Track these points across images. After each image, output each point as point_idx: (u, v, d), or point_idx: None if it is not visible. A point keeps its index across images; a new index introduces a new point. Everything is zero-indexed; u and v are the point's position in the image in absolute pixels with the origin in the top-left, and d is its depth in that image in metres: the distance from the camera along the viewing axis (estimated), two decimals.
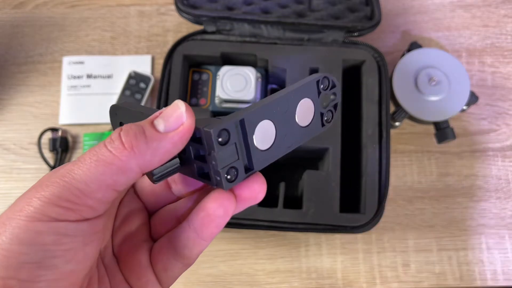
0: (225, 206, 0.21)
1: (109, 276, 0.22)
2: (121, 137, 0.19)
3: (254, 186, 0.22)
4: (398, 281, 0.49)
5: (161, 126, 0.19)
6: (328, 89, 0.24)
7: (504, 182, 0.53)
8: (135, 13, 0.60)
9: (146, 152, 0.19)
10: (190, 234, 0.22)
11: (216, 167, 0.20)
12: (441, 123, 0.52)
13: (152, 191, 0.25)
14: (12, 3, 0.61)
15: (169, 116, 0.20)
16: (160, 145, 0.19)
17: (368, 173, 0.46)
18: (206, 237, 0.22)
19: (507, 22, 0.59)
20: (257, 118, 0.21)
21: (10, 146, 0.55)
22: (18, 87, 0.57)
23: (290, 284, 0.49)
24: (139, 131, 0.19)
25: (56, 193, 0.18)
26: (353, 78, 0.52)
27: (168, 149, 0.19)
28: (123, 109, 0.24)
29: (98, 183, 0.18)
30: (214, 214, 0.21)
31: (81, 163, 0.18)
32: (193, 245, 0.22)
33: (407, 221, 0.51)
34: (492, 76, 0.57)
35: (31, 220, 0.17)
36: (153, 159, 0.19)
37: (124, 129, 0.19)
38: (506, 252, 0.50)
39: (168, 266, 0.23)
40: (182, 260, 0.23)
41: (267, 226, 0.45)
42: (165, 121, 0.20)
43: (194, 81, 0.53)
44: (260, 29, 0.51)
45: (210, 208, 0.21)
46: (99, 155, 0.18)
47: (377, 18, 0.50)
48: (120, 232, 0.24)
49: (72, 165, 0.19)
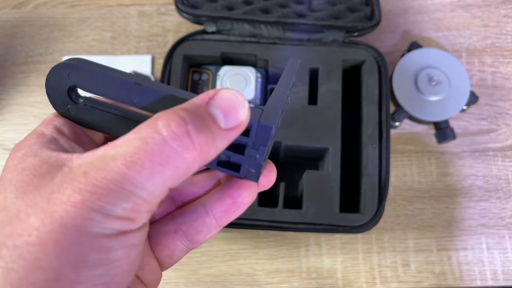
0: (254, 193, 0.21)
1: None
2: (190, 134, 0.16)
3: (269, 173, 0.22)
4: (398, 281, 0.49)
5: (221, 120, 0.17)
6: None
7: (504, 182, 0.53)
8: (135, 13, 0.60)
9: (211, 151, 0.17)
10: (207, 220, 0.21)
11: (260, 161, 0.20)
12: (441, 123, 0.52)
13: None
14: (12, 3, 0.61)
15: (229, 110, 0.17)
16: (222, 144, 0.17)
17: (368, 173, 0.46)
18: (223, 224, 0.22)
19: (507, 22, 0.59)
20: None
21: (10, 146, 0.55)
22: (18, 87, 0.57)
23: (290, 284, 0.49)
24: (206, 128, 0.16)
25: (118, 204, 0.15)
26: (353, 78, 0.52)
27: (225, 146, 0.17)
28: (89, 71, 0.19)
29: (162, 187, 0.16)
30: (243, 202, 0.21)
31: (139, 166, 0.15)
32: (208, 231, 0.22)
33: (407, 221, 0.51)
34: (492, 76, 0.57)
35: (97, 236, 0.15)
36: (213, 157, 0.17)
37: (191, 122, 0.16)
38: (506, 252, 0.50)
39: (174, 252, 0.22)
40: (190, 245, 0.22)
41: (267, 226, 0.45)
42: (225, 115, 0.17)
43: (194, 81, 0.53)
44: (260, 29, 0.51)
45: (240, 196, 0.20)
46: (162, 156, 0.15)
47: (377, 18, 0.50)
48: None
49: (127, 168, 0.15)
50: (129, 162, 0.15)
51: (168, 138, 0.15)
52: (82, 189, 0.15)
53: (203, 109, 0.17)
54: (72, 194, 0.15)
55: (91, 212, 0.14)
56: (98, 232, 0.15)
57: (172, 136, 0.15)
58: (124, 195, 0.15)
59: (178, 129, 0.15)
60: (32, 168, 0.16)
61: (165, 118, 0.16)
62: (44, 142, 0.18)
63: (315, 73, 0.50)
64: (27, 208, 0.15)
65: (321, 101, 0.49)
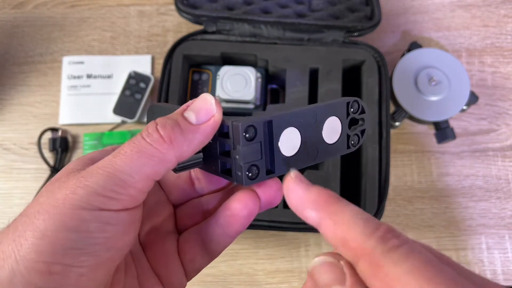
0: (249, 207, 0.22)
1: (135, 263, 0.23)
2: (159, 130, 0.20)
3: (272, 189, 0.22)
4: None
5: (192, 118, 0.21)
6: (357, 113, 0.24)
7: (504, 182, 0.53)
8: (135, 13, 0.60)
9: (183, 144, 0.20)
10: (216, 230, 0.23)
11: (239, 161, 0.20)
12: (441, 123, 0.52)
13: (176, 185, 0.25)
14: (12, 3, 0.61)
15: (199, 109, 0.21)
16: (194, 137, 0.20)
17: (368, 173, 0.46)
18: (231, 235, 0.23)
19: (507, 22, 0.59)
20: (284, 123, 0.21)
21: (10, 146, 0.55)
22: (18, 87, 0.57)
23: (290, 284, 0.49)
24: (175, 124, 0.20)
25: (100, 183, 0.19)
26: (353, 78, 0.52)
27: (201, 140, 0.20)
28: (158, 108, 0.25)
29: (140, 174, 0.19)
30: (239, 214, 0.22)
31: (122, 155, 0.19)
32: (219, 240, 0.23)
33: (407, 221, 0.51)
34: (492, 76, 0.57)
35: (76, 208, 0.18)
36: (189, 149, 0.20)
37: (160, 123, 0.20)
38: (506, 252, 0.50)
39: (196, 258, 0.24)
40: (208, 252, 0.24)
41: (267, 226, 0.45)
42: (196, 114, 0.21)
43: (194, 81, 0.53)
44: (260, 29, 0.51)
45: (235, 209, 0.22)
46: (139, 147, 0.19)
47: (377, 18, 0.50)
48: (148, 221, 0.24)
49: (113, 157, 0.19)
50: (116, 153, 0.20)
51: (144, 136, 0.20)
52: (79, 176, 0.19)
53: (178, 114, 0.21)
54: (72, 181, 0.19)
55: (78, 189, 0.19)
56: (78, 205, 0.18)
57: (146, 134, 0.20)
58: (107, 177, 0.19)
59: (150, 129, 0.20)
60: (67, 172, 0.21)
61: (145, 127, 0.21)
62: (86, 159, 0.22)
63: (315, 73, 0.50)
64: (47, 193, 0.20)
65: (321, 101, 0.49)
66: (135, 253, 0.23)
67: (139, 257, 0.23)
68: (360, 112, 0.25)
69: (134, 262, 0.23)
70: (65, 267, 0.18)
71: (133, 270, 0.23)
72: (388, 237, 0.15)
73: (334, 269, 0.16)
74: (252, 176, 0.21)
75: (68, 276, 0.18)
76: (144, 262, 0.23)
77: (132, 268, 0.23)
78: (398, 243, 0.15)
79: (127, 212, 0.20)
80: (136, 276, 0.23)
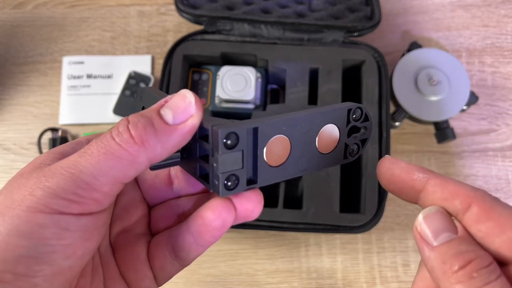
0: (223, 217, 0.20)
1: (103, 267, 0.22)
2: (129, 130, 0.18)
3: (251, 203, 0.20)
4: (398, 281, 0.49)
5: (169, 117, 0.19)
6: (359, 120, 0.22)
7: (504, 182, 0.53)
8: (135, 13, 0.60)
9: (156, 146, 0.18)
10: (187, 237, 0.21)
11: (217, 170, 0.19)
12: (441, 123, 0.52)
13: (153, 184, 0.24)
14: (12, 3, 0.61)
15: (177, 107, 0.19)
16: (169, 139, 0.18)
17: (368, 173, 0.46)
18: (203, 244, 0.21)
19: (507, 22, 0.59)
20: (272, 131, 0.19)
21: (10, 146, 0.55)
22: (18, 87, 0.57)
23: (290, 284, 0.49)
24: (148, 124, 0.18)
25: (61, 185, 0.17)
26: (353, 78, 0.52)
27: (177, 142, 0.19)
28: (147, 93, 0.23)
29: (107, 177, 0.17)
30: (211, 225, 0.20)
31: (88, 156, 0.18)
32: (189, 249, 0.21)
33: (407, 221, 0.51)
34: (492, 76, 0.57)
35: (32, 211, 0.17)
36: (162, 152, 0.18)
37: (131, 121, 0.18)
38: None
39: (165, 265, 0.22)
40: (179, 260, 0.22)
41: (267, 226, 0.45)
42: (174, 112, 0.19)
43: (194, 81, 0.53)
44: (260, 29, 0.51)
45: (207, 218, 0.20)
46: (107, 148, 0.18)
47: (377, 18, 0.50)
48: (120, 222, 0.23)
49: (79, 156, 0.18)
50: (81, 152, 0.18)
51: (114, 135, 0.18)
52: (40, 175, 0.17)
53: (154, 111, 0.19)
54: (32, 180, 0.17)
55: (37, 190, 0.17)
56: (34, 207, 0.17)
57: (116, 133, 0.18)
58: (70, 178, 0.17)
59: (121, 128, 0.18)
60: (33, 167, 0.19)
61: (116, 124, 0.19)
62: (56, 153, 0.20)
63: (315, 73, 0.50)
64: (6, 192, 0.18)
65: (321, 101, 0.49)
66: (104, 255, 0.22)
67: (108, 260, 0.22)
68: (363, 120, 0.22)
69: (102, 265, 0.22)
70: (16, 277, 0.16)
71: (100, 274, 0.21)
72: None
73: (447, 218, 0.18)
74: (230, 186, 0.19)
75: (20, 287, 0.16)
76: (112, 266, 0.22)
77: (100, 271, 0.21)
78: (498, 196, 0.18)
79: (91, 217, 0.18)
80: (102, 281, 0.21)
